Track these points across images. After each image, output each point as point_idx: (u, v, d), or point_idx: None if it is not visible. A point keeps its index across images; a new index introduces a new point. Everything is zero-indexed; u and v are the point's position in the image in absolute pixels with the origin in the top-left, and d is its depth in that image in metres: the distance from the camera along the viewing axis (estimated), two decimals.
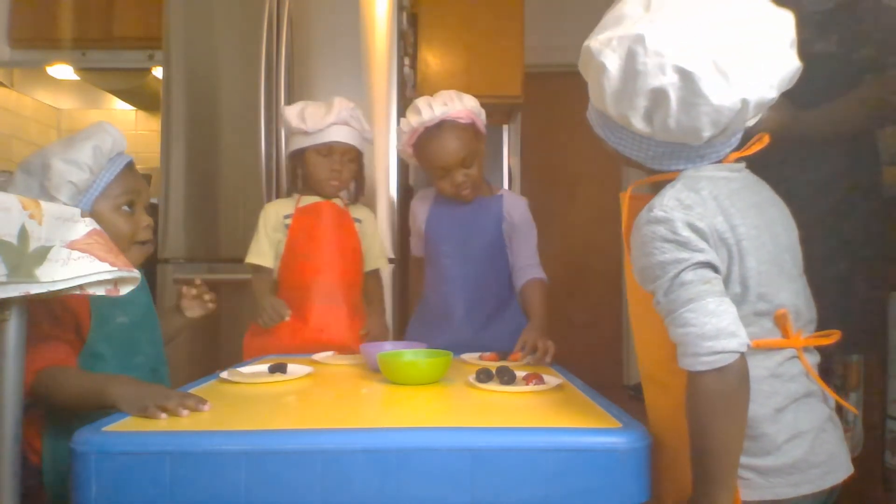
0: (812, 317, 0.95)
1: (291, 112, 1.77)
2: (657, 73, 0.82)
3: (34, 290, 0.84)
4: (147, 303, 1.34)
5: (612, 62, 0.86)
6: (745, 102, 0.83)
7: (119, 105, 3.50)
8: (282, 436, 0.85)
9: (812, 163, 1.50)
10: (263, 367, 1.32)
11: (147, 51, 3.00)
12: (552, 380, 1.18)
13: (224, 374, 1.25)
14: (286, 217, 1.78)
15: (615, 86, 0.87)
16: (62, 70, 3.13)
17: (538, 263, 1.75)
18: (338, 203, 1.81)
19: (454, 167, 1.68)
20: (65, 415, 1.11)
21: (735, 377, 0.82)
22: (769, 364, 0.88)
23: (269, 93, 2.31)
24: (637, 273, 0.92)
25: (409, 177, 2.71)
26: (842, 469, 0.90)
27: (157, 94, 2.51)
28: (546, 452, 0.82)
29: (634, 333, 1.03)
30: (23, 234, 0.82)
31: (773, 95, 0.85)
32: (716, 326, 0.81)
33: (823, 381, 0.93)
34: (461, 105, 1.68)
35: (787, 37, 0.85)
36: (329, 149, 1.75)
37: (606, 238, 4.21)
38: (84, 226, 0.92)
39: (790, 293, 0.90)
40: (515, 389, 1.13)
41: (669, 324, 0.86)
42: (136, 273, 0.96)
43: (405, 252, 2.40)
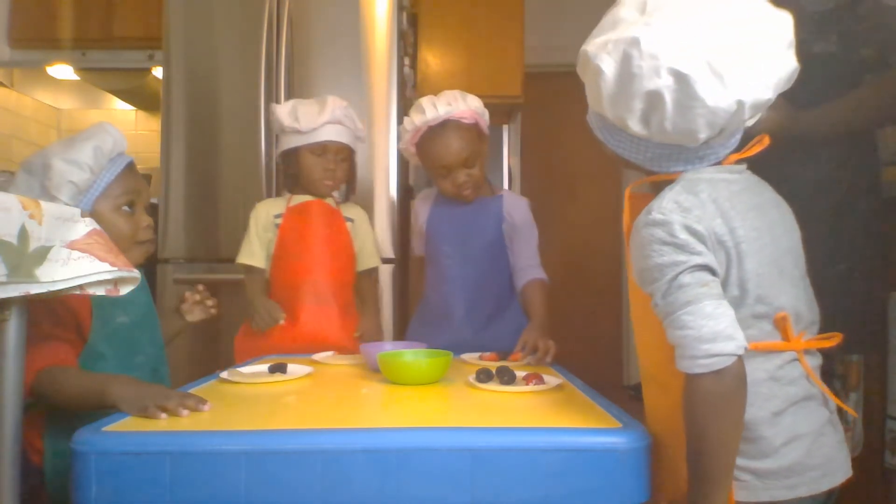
0: (815, 319, 0.95)
1: (283, 111, 1.75)
2: (652, 76, 0.83)
3: (34, 290, 0.84)
4: (147, 303, 1.34)
5: (608, 66, 0.86)
6: (741, 104, 0.83)
7: (119, 105, 3.50)
8: (282, 436, 0.85)
9: (812, 163, 1.50)
10: (263, 367, 1.32)
11: (147, 51, 3.00)
12: (552, 380, 1.18)
13: (224, 374, 1.25)
14: (277, 216, 1.76)
15: (611, 89, 0.87)
16: (62, 70, 3.13)
17: (539, 264, 1.75)
18: (329, 202, 1.80)
19: (456, 167, 1.68)
20: (66, 415, 1.11)
21: (732, 380, 0.82)
22: (768, 367, 0.88)
23: (269, 93, 2.31)
24: (636, 275, 0.92)
25: (409, 176, 2.71)
26: (840, 472, 0.90)
27: (157, 94, 2.51)
28: (546, 452, 0.82)
29: (635, 333, 1.03)
30: (23, 234, 0.82)
31: (770, 96, 0.85)
32: (713, 329, 0.82)
33: (826, 383, 0.92)
34: (465, 105, 1.68)
35: (785, 38, 0.85)
36: (323, 148, 1.74)
37: (606, 238, 4.21)
38: (84, 226, 0.92)
39: (791, 296, 0.90)
40: (515, 389, 1.13)
41: (667, 326, 0.86)
42: (136, 273, 0.96)
43: (405, 252, 2.40)
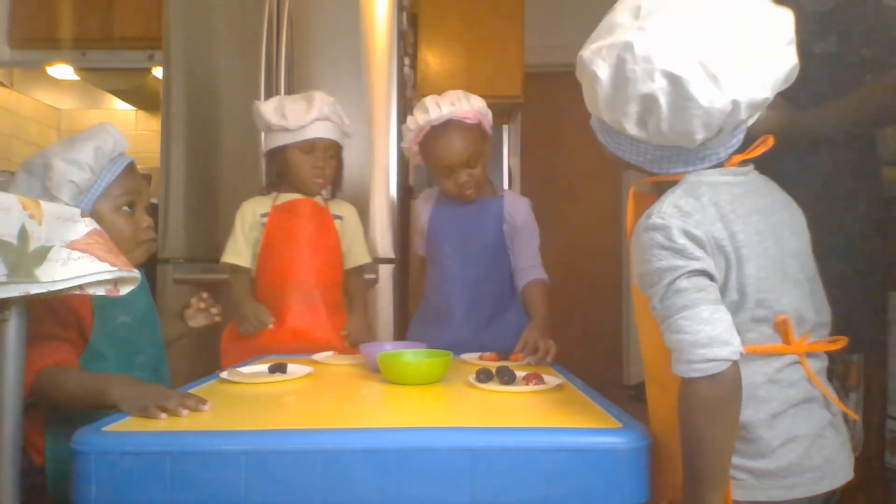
0: (823, 321, 0.94)
1: (268, 108, 1.72)
2: (646, 80, 0.83)
3: (34, 290, 0.84)
4: (148, 303, 1.34)
5: (603, 71, 0.87)
6: (736, 104, 0.83)
7: (119, 105, 3.50)
8: (282, 436, 0.85)
9: (812, 163, 1.50)
10: (263, 367, 1.32)
11: (147, 51, 3.00)
12: (552, 380, 1.18)
13: (224, 374, 1.25)
14: (263, 215, 1.75)
15: (607, 94, 0.88)
16: (62, 70, 3.13)
17: (540, 264, 1.75)
18: (317, 200, 1.78)
19: (459, 167, 1.69)
20: (67, 414, 1.11)
21: (727, 385, 0.82)
22: (767, 370, 0.88)
23: (269, 93, 2.31)
24: (636, 278, 0.92)
25: (409, 176, 2.71)
26: (840, 474, 0.90)
27: (157, 94, 2.51)
28: (546, 452, 0.82)
29: (639, 333, 1.03)
30: (23, 234, 0.82)
31: (767, 95, 0.84)
32: (709, 334, 0.82)
33: (830, 386, 0.92)
34: (469, 105, 1.69)
35: (785, 35, 0.85)
36: (312, 145, 1.72)
37: (606, 238, 4.21)
38: (84, 226, 0.92)
39: (793, 298, 0.90)
40: (515, 389, 1.13)
41: (665, 330, 0.87)
42: (136, 273, 0.96)
43: (405, 252, 2.40)
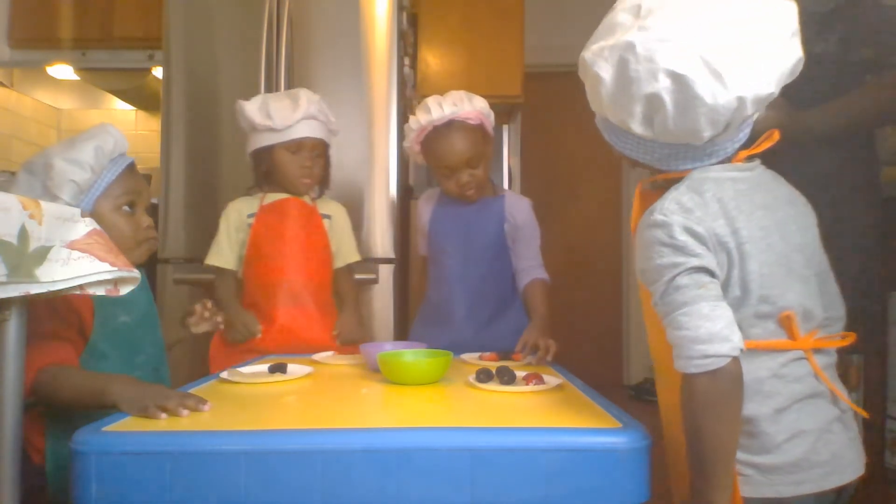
0: (834, 316, 0.94)
1: (252, 108, 1.70)
2: (650, 80, 0.83)
3: (34, 290, 0.84)
4: (148, 302, 1.34)
5: (606, 72, 0.87)
6: (742, 100, 0.83)
7: (119, 105, 3.50)
8: (282, 436, 0.85)
9: (811, 163, 1.50)
10: (263, 367, 1.32)
11: (147, 51, 3.00)
12: (552, 380, 1.18)
13: (224, 374, 1.25)
14: (249, 216, 1.73)
15: (611, 94, 0.88)
16: (62, 70, 3.14)
17: (541, 264, 1.75)
18: (305, 199, 1.77)
19: (460, 167, 1.69)
20: (67, 414, 1.11)
21: (727, 381, 0.82)
22: (772, 365, 0.88)
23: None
24: (639, 273, 0.92)
25: (409, 176, 2.71)
26: (849, 470, 0.90)
27: (157, 94, 2.51)
28: (546, 452, 0.82)
29: (646, 330, 1.03)
30: (23, 234, 0.82)
31: (772, 90, 0.84)
32: (709, 330, 0.82)
33: (839, 382, 0.92)
34: (471, 106, 1.69)
35: (788, 29, 0.84)
36: (299, 145, 1.70)
37: (606, 238, 4.21)
38: (84, 226, 0.92)
39: (799, 294, 0.90)
40: (515, 389, 1.13)
41: (666, 326, 0.87)
42: (136, 273, 0.96)
43: (405, 252, 2.40)
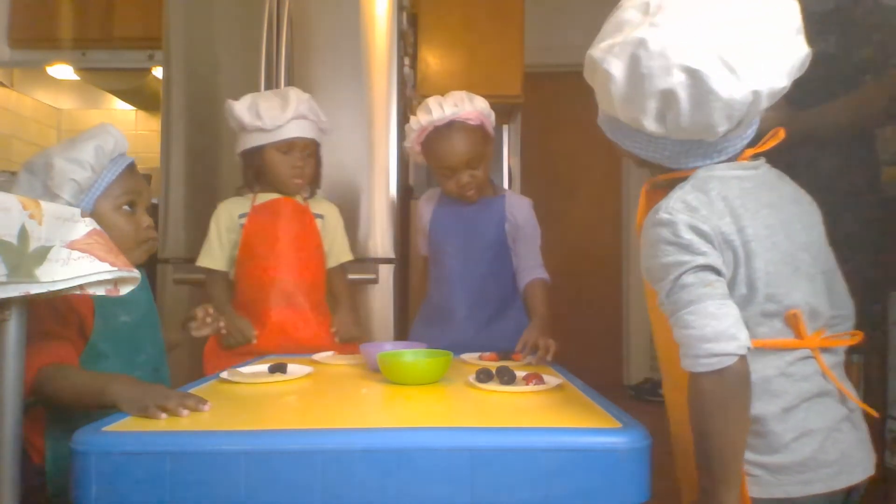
0: (842, 314, 0.94)
1: (241, 108, 1.69)
2: (664, 75, 0.82)
3: (34, 290, 0.84)
4: (149, 302, 1.34)
5: (617, 68, 0.85)
6: (757, 94, 0.82)
7: (119, 105, 3.50)
8: (282, 436, 0.85)
9: (811, 163, 1.50)
10: (263, 367, 1.32)
11: (147, 51, 2.99)
12: (552, 380, 1.18)
13: (224, 374, 1.25)
14: (241, 216, 1.72)
15: (622, 91, 0.87)
16: (62, 70, 3.14)
17: (541, 264, 1.75)
18: (297, 199, 1.76)
19: (460, 168, 1.69)
20: (67, 414, 1.11)
21: (734, 379, 0.82)
22: (779, 364, 0.88)
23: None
24: (644, 272, 0.92)
25: (409, 176, 2.71)
26: (858, 470, 0.89)
27: (157, 94, 2.51)
28: (546, 452, 0.82)
29: (652, 330, 1.03)
30: (23, 234, 0.82)
31: (785, 84, 0.84)
32: (715, 329, 0.82)
33: (847, 381, 0.92)
34: (471, 106, 1.69)
35: (793, 24, 0.84)
36: (290, 145, 1.69)
37: (606, 238, 4.21)
38: (84, 226, 0.92)
39: (805, 292, 0.89)
40: (515, 389, 1.13)
41: (673, 325, 0.87)
42: (136, 273, 0.96)
43: (405, 252, 2.40)
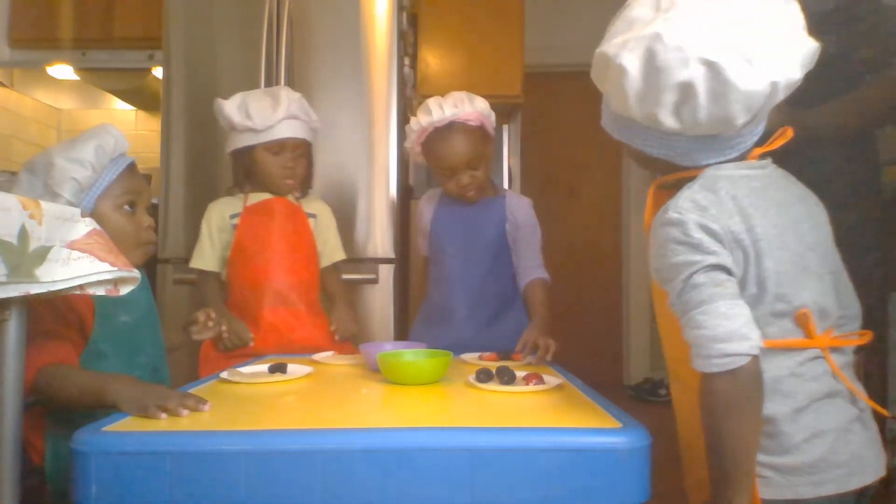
0: (849, 314, 0.94)
1: (231, 107, 1.68)
2: (681, 68, 0.82)
3: (34, 290, 0.84)
4: (149, 302, 1.34)
5: (631, 63, 0.84)
6: (775, 84, 0.82)
7: (119, 105, 3.50)
8: (282, 436, 0.85)
9: (811, 163, 1.50)
10: (263, 367, 1.32)
11: (147, 51, 2.99)
12: (552, 380, 1.18)
13: (224, 374, 1.25)
14: (232, 217, 1.71)
15: (637, 86, 0.86)
16: (62, 70, 3.13)
17: (541, 264, 1.75)
18: (289, 199, 1.75)
19: (460, 168, 1.69)
20: (67, 414, 1.11)
21: (747, 379, 0.82)
22: (789, 364, 0.87)
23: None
24: (654, 272, 0.92)
25: (409, 176, 2.71)
26: (869, 470, 0.89)
27: (157, 94, 2.50)
28: (546, 452, 0.82)
29: (660, 331, 1.03)
30: (23, 234, 0.82)
31: (800, 76, 0.85)
32: (727, 329, 0.81)
33: (857, 381, 0.92)
34: (472, 107, 1.69)
35: (799, 22, 0.85)
36: (281, 146, 1.68)
37: (606, 238, 4.21)
38: (84, 226, 0.92)
39: (814, 292, 0.89)
40: (515, 389, 1.13)
41: (684, 325, 0.86)
42: (136, 273, 0.96)
43: (405, 252, 2.40)
